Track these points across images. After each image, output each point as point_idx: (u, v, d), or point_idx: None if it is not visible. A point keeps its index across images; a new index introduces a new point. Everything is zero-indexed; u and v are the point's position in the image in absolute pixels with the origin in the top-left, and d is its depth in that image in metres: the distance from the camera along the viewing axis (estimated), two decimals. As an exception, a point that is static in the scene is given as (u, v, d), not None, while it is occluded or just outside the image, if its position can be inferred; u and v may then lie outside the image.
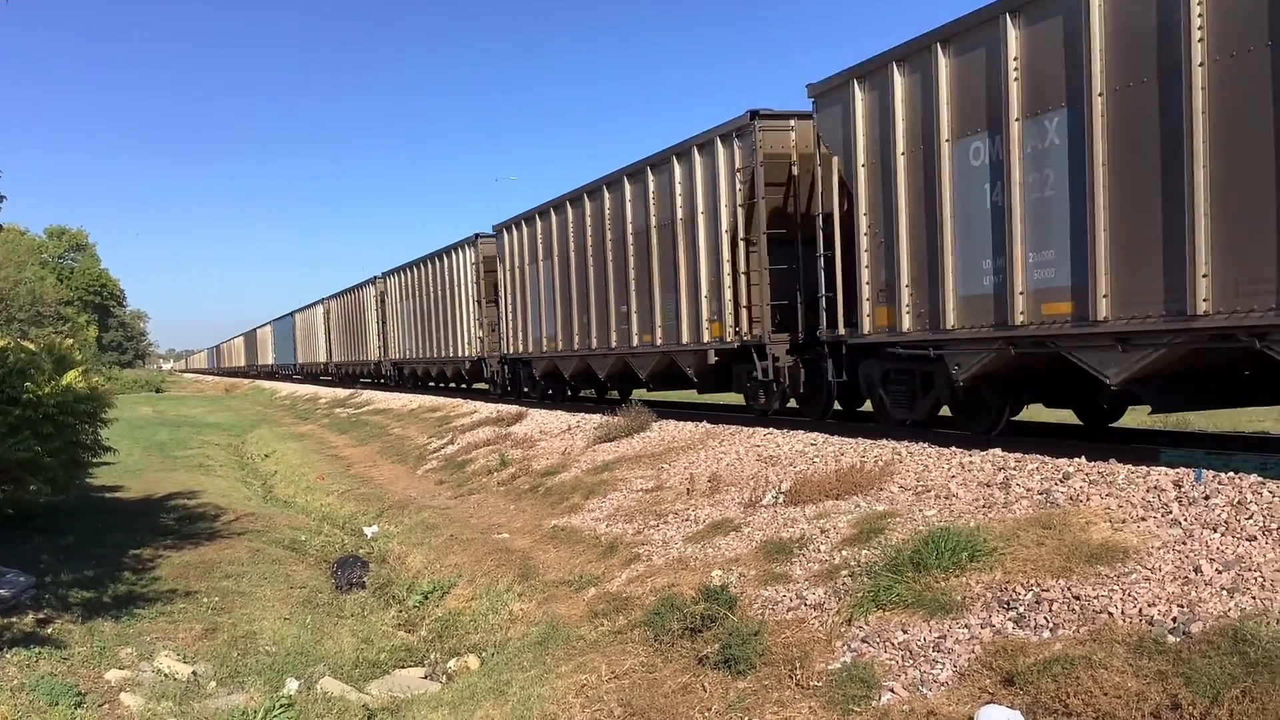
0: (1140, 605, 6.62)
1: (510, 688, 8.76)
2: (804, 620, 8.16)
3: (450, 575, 13.33)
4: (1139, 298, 9.74)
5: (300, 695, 9.68)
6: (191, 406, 57.54)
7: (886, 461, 11.64)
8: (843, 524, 9.81)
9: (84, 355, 15.18)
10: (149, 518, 17.01)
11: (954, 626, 7.22)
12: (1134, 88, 9.66)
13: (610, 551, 11.81)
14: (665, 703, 7.68)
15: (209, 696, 9.80)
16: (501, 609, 11.47)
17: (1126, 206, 9.86)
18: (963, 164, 11.88)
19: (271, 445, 32.92)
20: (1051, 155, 10.67)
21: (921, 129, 12.49)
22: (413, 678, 10.53)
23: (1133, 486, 8.68)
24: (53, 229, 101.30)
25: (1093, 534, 7.88)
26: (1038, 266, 10.91)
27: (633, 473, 15.10)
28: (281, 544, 16.01)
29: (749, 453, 14.12)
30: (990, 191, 11.48)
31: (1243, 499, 7.79)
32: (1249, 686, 5.48)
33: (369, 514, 19.14)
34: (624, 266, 20.53)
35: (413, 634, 12.19)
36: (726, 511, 11.78)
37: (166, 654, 10.59)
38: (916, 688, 6.71)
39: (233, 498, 20.59)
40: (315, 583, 14.09)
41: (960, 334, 12.06)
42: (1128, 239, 9.85)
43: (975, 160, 11.66)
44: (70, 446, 13.44)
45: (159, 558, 14.04)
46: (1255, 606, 6.21)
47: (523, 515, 15.21)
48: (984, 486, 9.85)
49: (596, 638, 9.43)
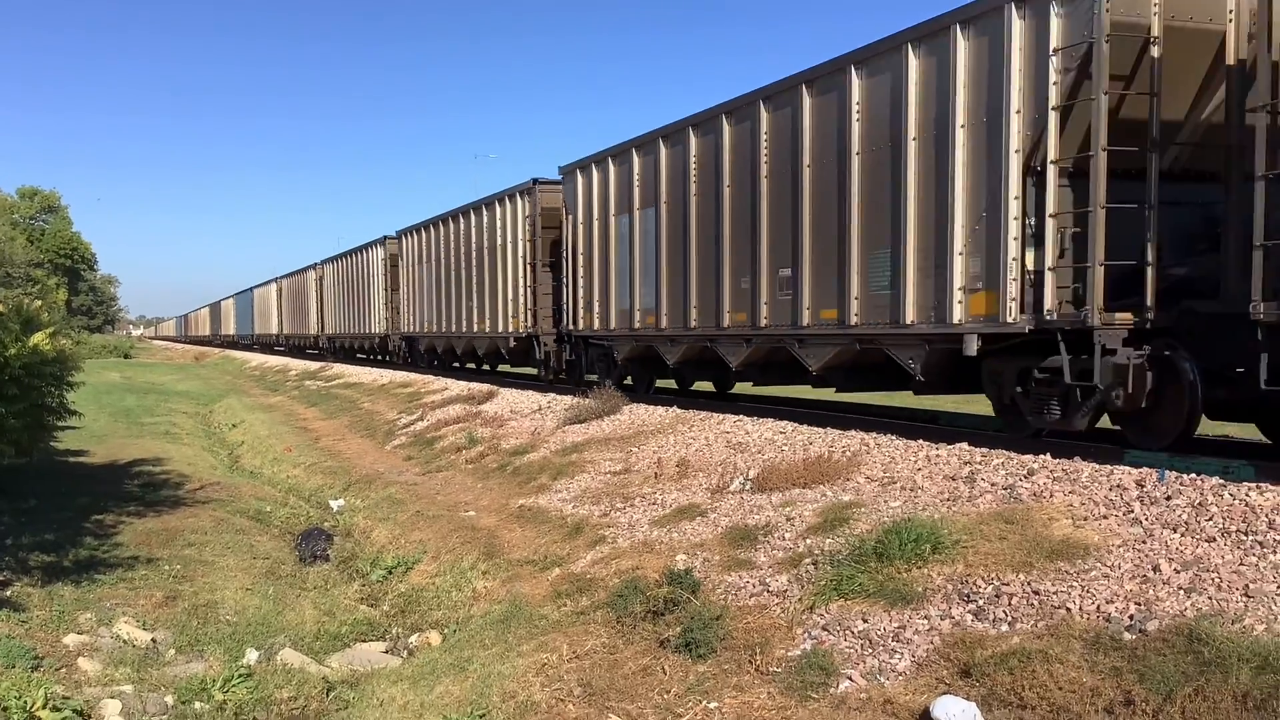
0: (1098, 602, 6.69)
1: (471, 664, 8.76)
2: (766, 606, 8.20)
3: (415, 551, 13.31)
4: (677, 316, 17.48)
5: (260, 665, 9.66)
6: (160, 374, 57.07)
7: (855, 452, 11.69)
8: (808, 513, 9.86)
9: (52, 317, 14.98)
10: (113, 484, 16.88)
11: (914, 617, 7.27)
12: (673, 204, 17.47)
13: (576, 532, 11.81)
14: (625, 684, 7.71)
15: (168, 664, 9.76)
16: (465, 586, 11.46)
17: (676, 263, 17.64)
18: (620, 229, 19.71)
19: (240, 415, 32.71)
20: (649, 231, 18.43)
21: (599, 205, 20.52)
22: (374, 652, 10.52)
23: (1096, 484, 8.76)
24: (25, 189, 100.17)
25: (1054, 530, 7.96)
26: (644, 295, 18.72)
27: (602, 455, 15.10)
28: (246, 514, 15.93)
29: (719, 439, 14.15)
30: (629, 249, 19.31)
31: (1204, 500, 7.87)
32: (1202, 685, 5.55)
33: (335, 487, 19.07)
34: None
35: (375, 608, 12.16)
36: (694, 497, 11.80)
37: (126, 620, 10.53)
38: (874, 676, 6.77)
39: (199, 466, 20.47)
40: (279, 554, 14.03)
41: (617, 332, 19.86)
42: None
43: (623, 229, 19.33)
44: (35, 409, 13.28)
45: (122, 524, 13.95)
46: (1211, 607, 6.29)
47: (490, 494, 15.20)
48: (949, 480, 9.91)
49: (559, 618, 9.45)
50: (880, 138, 12.88)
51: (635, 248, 19.28)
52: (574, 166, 21.81)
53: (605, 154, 20.44)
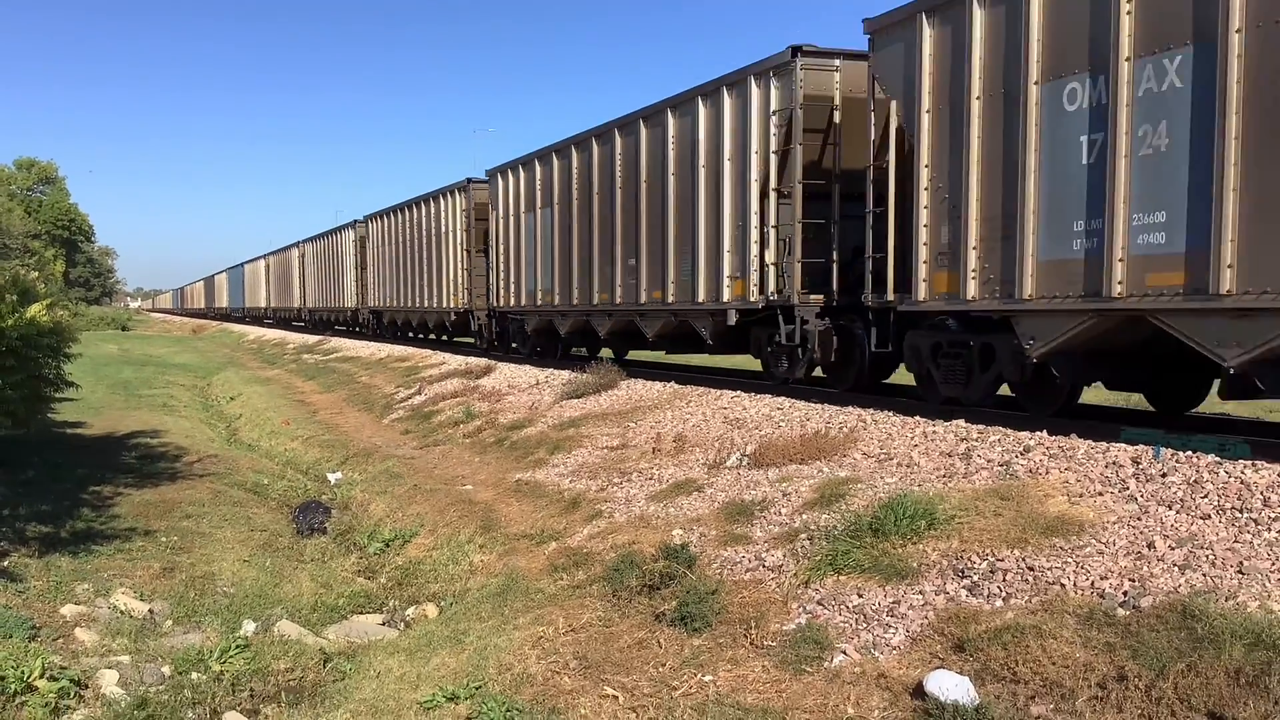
0: (1093, 578, 6.71)
1: (467, 637, 8.80)
2: (762, 581, 8.23)
3: (412, 524, 13.34)
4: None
5: (257, 637, 9.69)
6: (158, 346, 57.06)
7: (851, 429, 11.70)
8: (805, 488, 9.87)
9: (49, 289, 14.96)
10: (110, 455, 16.90)
11: (909, 592, 7.30)
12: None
13: (573, 507, 11.84)
14: (621, 657, 7.74)
15: (165, 635, 9.80)
16: (462, 560, 11.50)
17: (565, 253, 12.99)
18: (528, 224, 14.72)
19: (237, 388, 32.72)
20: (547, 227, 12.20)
21: (514, 203, 15.56)
22: (370, 624, 10.56)
23: (1091, 461, 8.77)
24: (22, 160, 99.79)
25: (1050, 506, 7.97)
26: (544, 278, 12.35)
27: (599, 430, 15.12)
28: (244, 487, 15.95)
29: (716, 414, 14.16)
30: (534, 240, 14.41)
31: (1199, 478, 7.89)
32: (1194, 661, 5.58)
33: (333, 460, 19.10)
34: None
35: (372, 581, 12.20)
36: (690, 472, 11.82)
37: (123, 591, 10.56)
38: (869, 650, 6.79)
39: (196, 439, 20.48)
40: (276, 526, 14.06)
41: (527, 309, 14.34)
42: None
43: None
44: (32, 381, 13.28)
45: (119, 496, 13.96)
46: (1205, 584, 6.31)
47: (487, 468, 15.22)
48: (946, 456, 9.92)
49: (555, 591, 9.48)
50: (685, 164, 17.33)
51: (538, 240, 23.30)
52: (496, 170, 26.06)
53: (517, 161, 24.65)
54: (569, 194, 21.69)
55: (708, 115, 16.53)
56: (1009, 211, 10.83)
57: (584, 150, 21.09)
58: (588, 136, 20.78)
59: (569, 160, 21.69)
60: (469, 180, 29.14)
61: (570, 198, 21.60)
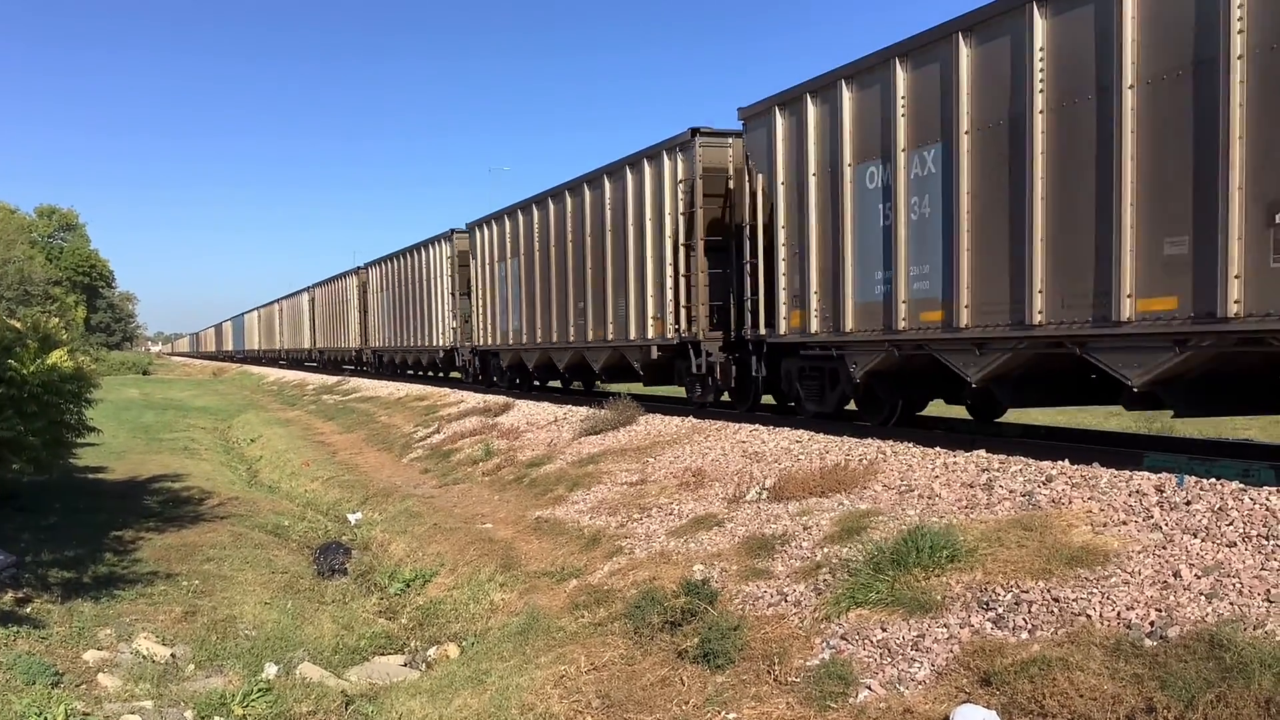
0: (1119, 609, 6.64)
1: (489, 677, 8.76)
2: (784, 616, 8.17)
3: (432, 564, 13.32)
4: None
5: (279, 679, 9.67)
6: (178, 390, 57.35)
7: (871, 460, 11.66)
8: (825, 521, 9.82)
9: (70, 334, 15.07)
10: (132, 499, 16.96)
11: (933, 626, 7.23)
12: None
13: (593, 544, 11.81)
14: (643, 695, 7.69)
15: (187, 679, 9.78)
16: (483, 599, 11.46)
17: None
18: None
19: (257, 430, 32.83)
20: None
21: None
22: (392, 665, 10.53)
23: (1115, 490, 8.70)
24: (43, 208, 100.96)
25: (1074, 536, 7.91)
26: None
27: (618, 466, 15.09)
28: (264, 529, 15.97)
29: (734, 448, 14.13)
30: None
31: (1224, 505, 7.81)
32: (1224, 691, 5.50)
33: (353, 501, 19.11)
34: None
35: (393, 621, 12.17)
36: (710, 506, 11.78)
37: (145, 636, 10.56)
38: (894, 686, 6.73)
39: (217, 481, 20.54)
40: (297, 568, 14.06)
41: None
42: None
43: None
44: (54, 426, 13.36)
45: (141, 539, 14.00)
46: (1233, 612, 6.24)
47: (506, 506, 15.20)
48: (967, 487, 9.87)
49: (576, 629, 9.43)
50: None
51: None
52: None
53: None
54: (532, 246, 25.06)
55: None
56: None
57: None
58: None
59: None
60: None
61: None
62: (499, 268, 27.54)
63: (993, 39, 11.22)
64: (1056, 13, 10.45)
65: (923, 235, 12.29)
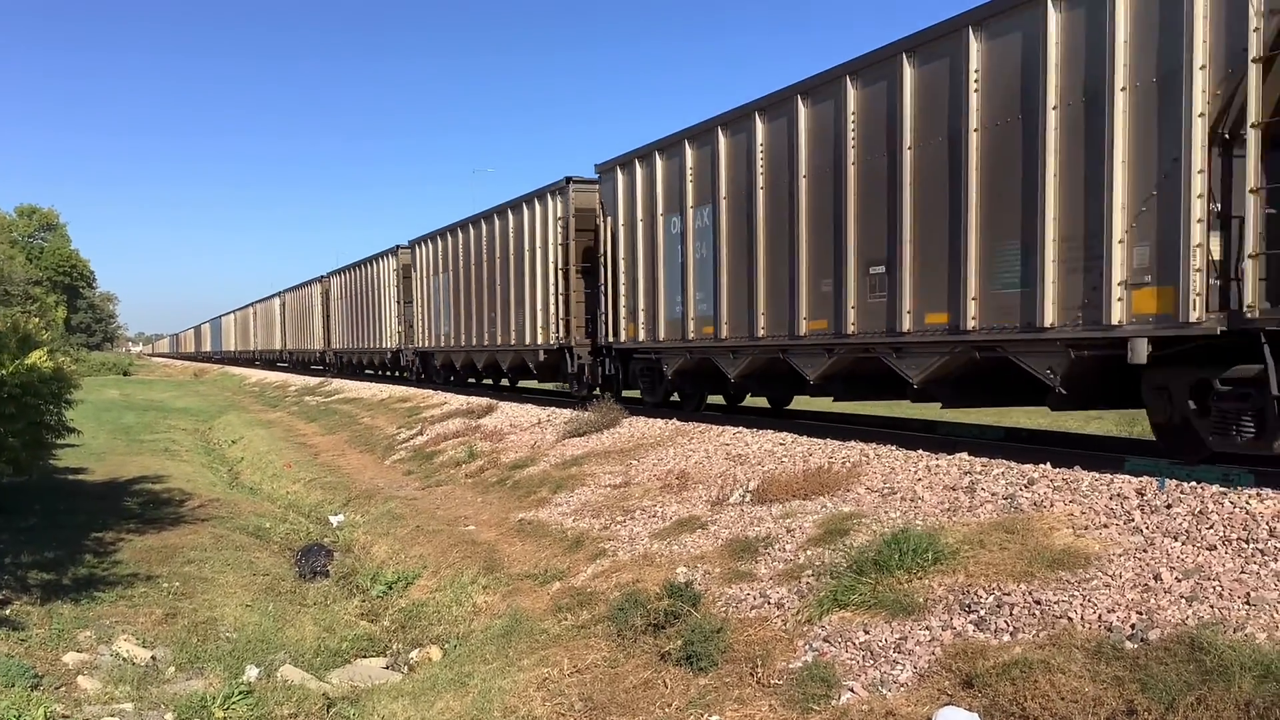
0: (1100, 611, 6.67)
1: (472, 679, 8.74)
2: (767, 619, 8.18)
3: (415, 566, 13.28)
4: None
5: (260, 682, 9.63)
6: (159, 391, 57.07)
7: (854, 463, 11.68)
8: (808, 524, 9.84)
9: (50, 335, 14.98)
10: (112, 501, 16.86)
11: (915, 628, 7.25)
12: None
13: (576, 546, 11.79)
14: (626, 697, 7.68)
15: (168, 681, 9.74)
16: (465, 601, 11.44)
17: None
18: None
19: (239, 431, 32.69)
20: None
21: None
22: (374, 667, 10.49)
23: (1096, 493, 8.74)
24: (23, 208, 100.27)
25: (1055, 539, 7.94)
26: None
27: (601, 468, 15.08)
28: (246, 530, 15.90)
29: (718, 451, 14.14)
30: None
31: (1204, 509, 7.85)
32: (1204, 694, 5.53)
33: (335, 503, 19.05)
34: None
35: (375, 624, 12.13)
36: (693, 509, 11.78)
37: (126, 638, 10.51)
38: (876, 688, 6.74)
39: (198, 483, 20.44)
40: (279, 570, 14.01)
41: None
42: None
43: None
44: (33, 427, 13.28)
45: (121, 541, 13.92)
46: (1213, 615, 6.27)
47: (490, 508, 15.17)
48: (949, 490, 9.90)
49: (560, 632, 9.42)
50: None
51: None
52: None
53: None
54: (459, 264, 29.49)
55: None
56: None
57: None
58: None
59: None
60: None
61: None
62: (434, 280, 32.01)
63: (736, 134, 15.46)
64: (735, 134, 15.64)
65: (703, 271, 16.53)
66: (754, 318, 14.93)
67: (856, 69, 12.83)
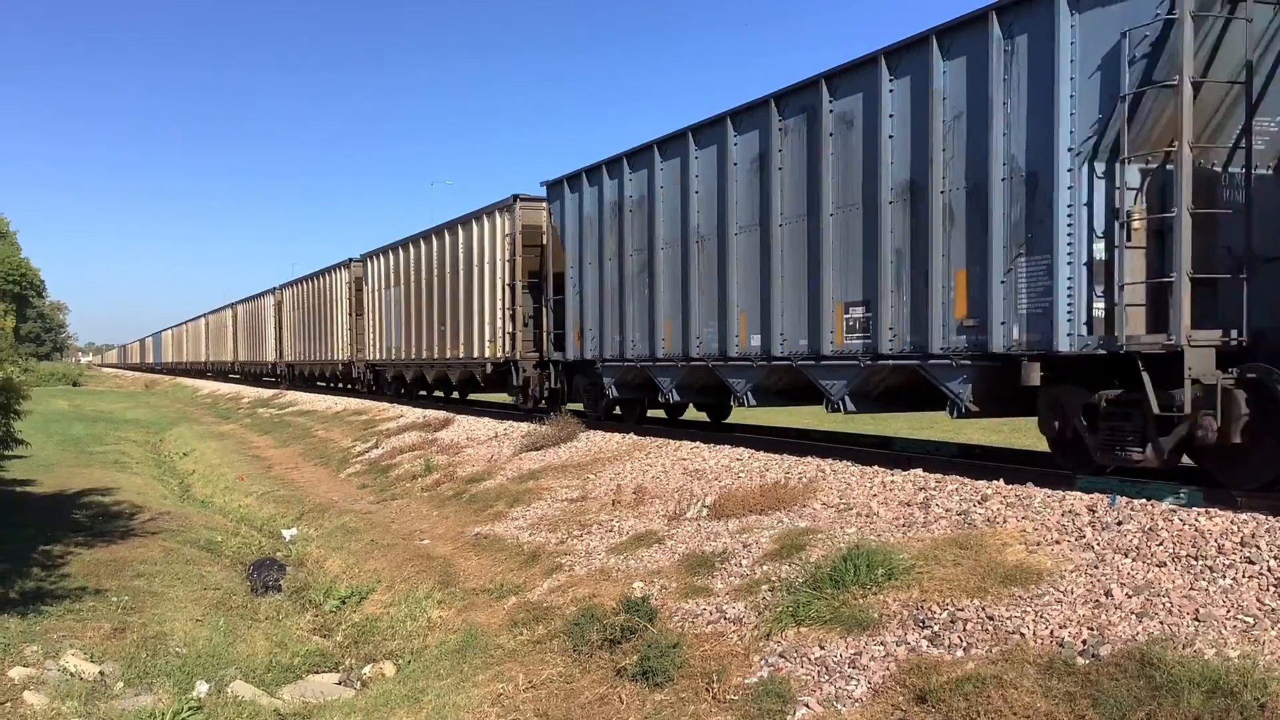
0: (1052, 627, 6.74)
1: (426, 695, 8.68)
2: (723, 634, 8.19)
3: (369, 581, 13.17)
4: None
5: (210, 698, 9.50)
6: (109, 401, 56.31)
7: (810, 479, 11.73)
8: (765, 539, 9.87)
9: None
10: (61, 514, 16.60)
11: (870, 644, 7.29)
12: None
13: (532, 560, 11.75)
14: (582, 713, 7.66)
15: (116, 697, 9.57)
16: (420, 616, 11.35)
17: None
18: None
19: (191, 444, 32.31)
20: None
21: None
22: (326, 683, 10.38)
23: (1048, 510, 8.84)
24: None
25: (1008, 555, 8.01)
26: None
27: (558, 482, 15.05)
28: (197, 544, 15.70)
29: (675, 465, 14.15)
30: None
31: (1154, 525, 7.96)
32: (1154, 710, 5.60)
33: (288, 517, 18.86)
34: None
35: (328, 639, 12.01)
36: (650, 524, 11.78)
37: (73, 653, 10.32)
38: (831, 703, 6.76)
39: (149, 496, 20.17)
40: (230, 585, 13.84)
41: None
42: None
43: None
44: (-20, 438, 13.07)
45: (69, 555, 13.70)
46: (1163, 631, 6.35)
47: (445, 522, 15.09)
48: (904, 506, 9.96)
49: (515, 647, 9.38)
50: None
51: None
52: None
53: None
54: (409, 278, 30.31)
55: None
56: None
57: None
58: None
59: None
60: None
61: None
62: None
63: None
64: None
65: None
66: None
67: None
